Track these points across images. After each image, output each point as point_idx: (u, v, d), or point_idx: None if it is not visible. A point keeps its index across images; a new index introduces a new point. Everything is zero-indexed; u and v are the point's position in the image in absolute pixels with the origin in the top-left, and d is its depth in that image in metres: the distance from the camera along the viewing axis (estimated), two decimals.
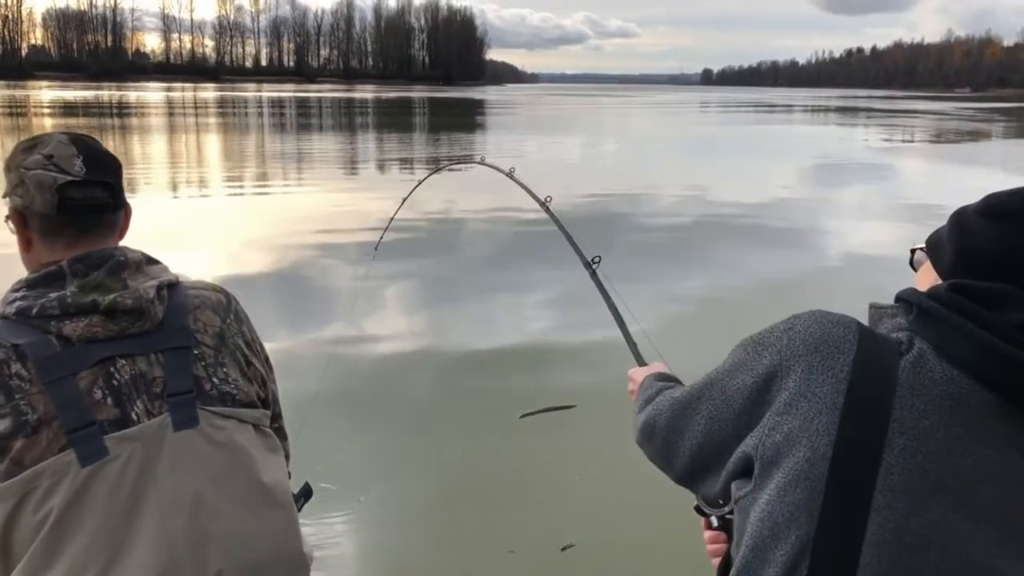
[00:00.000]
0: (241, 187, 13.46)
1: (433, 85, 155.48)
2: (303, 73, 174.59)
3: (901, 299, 0.97)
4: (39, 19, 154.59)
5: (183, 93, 70.80)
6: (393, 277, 7.22)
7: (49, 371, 1.17)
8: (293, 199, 12.06)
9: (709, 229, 10.23)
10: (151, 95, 61.26)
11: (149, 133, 24.54)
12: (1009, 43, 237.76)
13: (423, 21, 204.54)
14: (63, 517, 1.13)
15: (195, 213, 10.69)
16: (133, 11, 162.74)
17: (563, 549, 3.11)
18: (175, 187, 12.92)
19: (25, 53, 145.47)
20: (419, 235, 9.18)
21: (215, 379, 1.30)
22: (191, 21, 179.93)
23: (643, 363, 1.69)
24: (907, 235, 9.11)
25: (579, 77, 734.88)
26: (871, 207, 12.43)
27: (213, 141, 23.47)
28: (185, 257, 7.33)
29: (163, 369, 1.25)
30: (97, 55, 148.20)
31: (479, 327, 5.91)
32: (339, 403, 4.41)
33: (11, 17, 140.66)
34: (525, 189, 2.76)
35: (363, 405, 4.48)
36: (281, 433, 1.50)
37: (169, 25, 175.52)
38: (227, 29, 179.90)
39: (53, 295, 1.22)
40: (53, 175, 1.25)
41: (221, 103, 50.56)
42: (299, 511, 1.44)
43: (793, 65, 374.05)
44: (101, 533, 1.14)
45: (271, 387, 1.47)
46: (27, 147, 1.30)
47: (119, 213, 1.37)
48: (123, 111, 37.43)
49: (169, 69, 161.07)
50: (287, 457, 1.49)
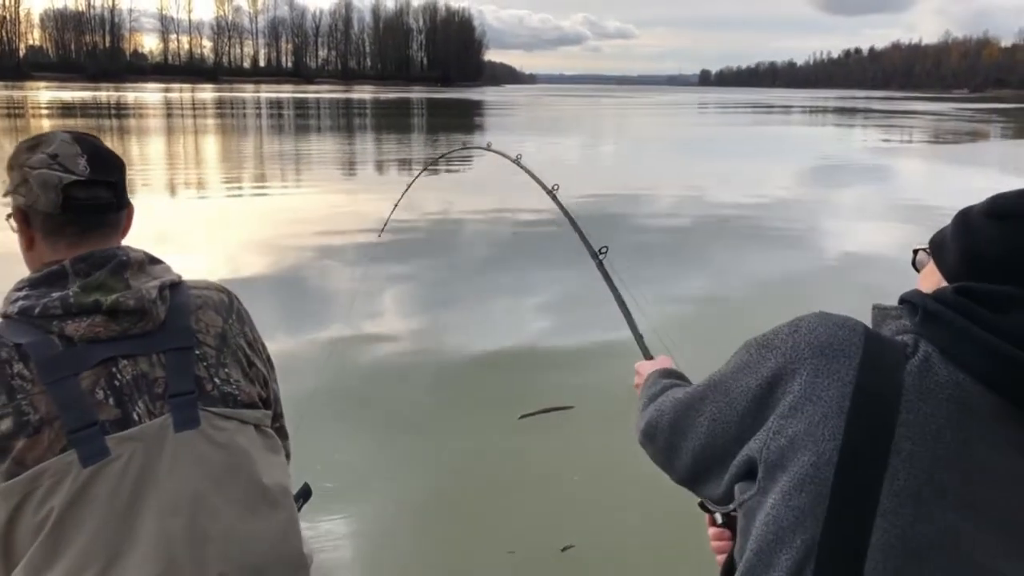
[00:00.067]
0: (240, 188, 13.45)
1: (431, 86, 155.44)
2: (301, 74, 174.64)
3: (905, 301, 0.96)
4: (37, 20, 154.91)
5: (181, 94, 70.73)
6: (393, 277, 7.22)
7: (51, 371, 1.17)
8: (292, 200, 12.04)
9: (713, 227, 10.27)
10: (149, 96, 61.19)
11: (147, 134, 24.50)
12: (1007, 44, 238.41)
13: (421, 22, 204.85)
14: (64, 517, 1.13)
15: (194, 214, 10.66)
16: (131, 12, 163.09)
17: (563, 550, 3.11)
18: (173, 188, 12.90)
19: (23, 54, 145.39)
20: (418, 235, 9.17)
21: (217, 380, 1.30)
22: (189, 22, 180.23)
23: (649, 357, 1.67)
24: (907, 234, 9.13)
25: (577, 78, 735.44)
26: (875, 207, 12.42)
27: (211, 142, 23.44)
28: (184, 258, 7.31)
29: (165, 370, 1.25)
30: (95, 56, 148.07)
31: (478, 328, 5.90)
32: (339, 403, 4.41)
33: (9, 18, 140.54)
34: (532, 176, 2.66)
35: (363, 405, 4.48)
36: (282, 432, 1.51)
37: (167, 26, 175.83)
38: (225, 30, 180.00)
39: (55, 295, 1.21)
40: (58, 174, 1.25)
41: (219, 104, 50.51)
42: (298, 511, 1.44)
43: (791, 66, 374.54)
44: (101, 533, 1.14)
45: (273, 387, 1.46)
46: (30, 146, 1.29)
47: (122, 212, 1.37)
48: (121, 112, 37.38)
49: (167, 70, 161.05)
50: (288, 456, 1.49)
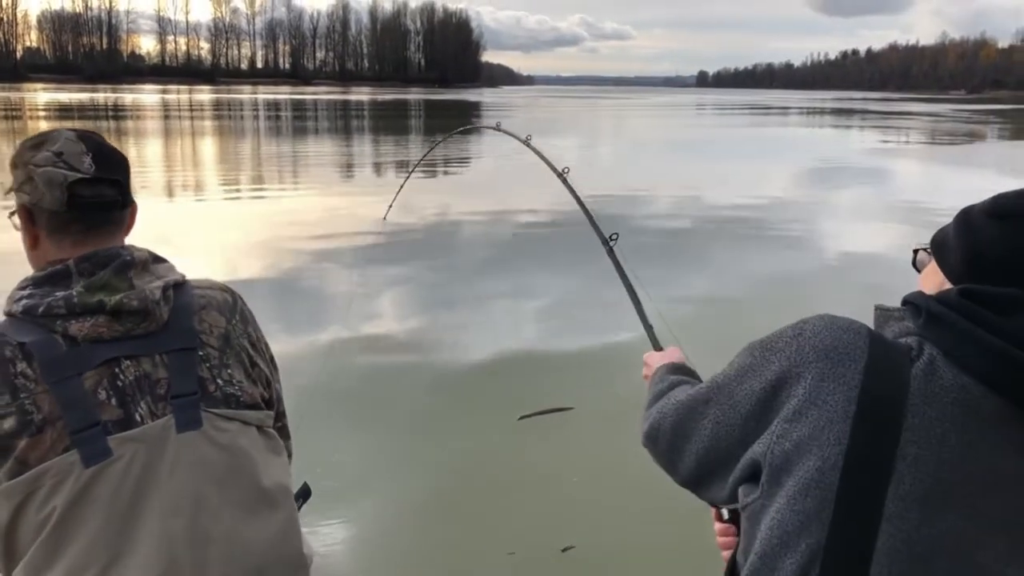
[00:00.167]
0: (238, 190, 13.44)
1: (429, 87, 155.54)
2: (299, 75, 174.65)
3: (908, 302, 0.96)
4: (34, 21, 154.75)
5: (178, 95, 70.71)
6: (392, 278, 7.22)
7: (54, 371, 1.17)
8: (291, 201, 12.03)
9: (715, 225, 10.35)
10: (146, 97, 61.12)
11: (144, 136, 24.45)
12: (1004, 45, 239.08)
13: (419, 23, 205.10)
14: (65, 517, 1.13)
15: (192, 216, 10.65)
16: (128, 13, 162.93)
17: (563, 551, 3.11)
18: (170, 191, 12.88)
19: (20, 55, 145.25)
20: (418, 236, 9.18)
21: (219, 380, 1.30)
22: (186, 23, 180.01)
23: (659, 347, 1.65)
24: (909, 233, 9.16)
25: (575, 79, 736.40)
26: (874, 207, 12.46)
27: (209, 144, 23.43)
28: (182, 260, 7.26)
29: (167, 370, 1.25)
30: (92, 57, 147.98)
31: (478, 329, 5.90)
32: (339, 403, 4.41)
33: (6, 19, 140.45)
34: (542, 158, 2.62)
35: (363, 406, 4.48)
36: (284, 432, 1.51)
37: (164, 27, 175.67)
38: (222, 31, 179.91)
39: (60, 294, 1.21)
40: (63, 172, 1.25)
41: (217, 105, 50.47)
42: (298, 511, 1.44)
43: (788, 67, 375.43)
44: (103, 533, 1.14)
45: (275, 387, 1.47)
46: (35, 144, 1.29)
47: (126, 210, 1.37)
48: (118, 113, 37.34)
49: (164, 71, 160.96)
50: (290, 455, 1.49)
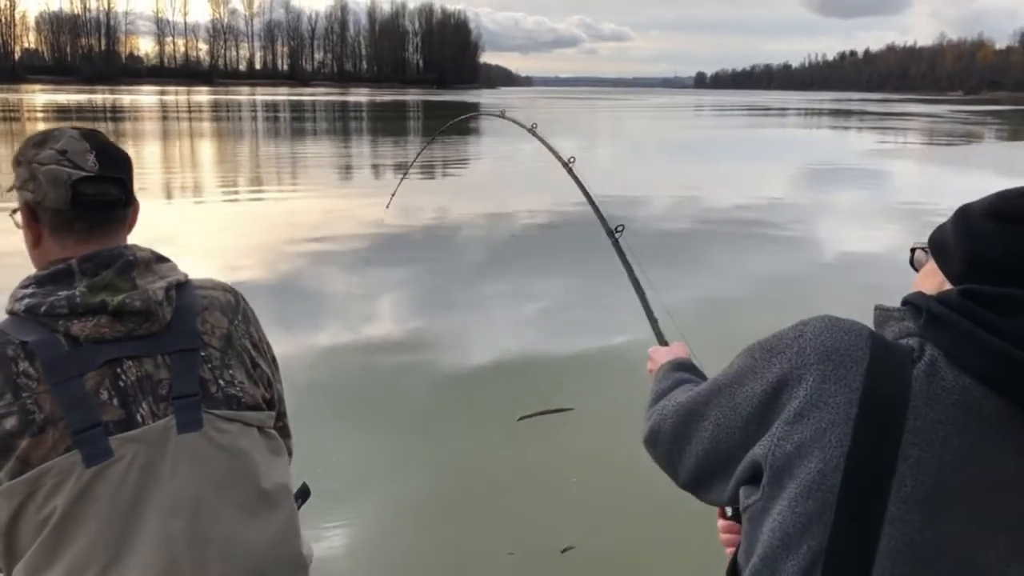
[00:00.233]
0: (236, 191, 13.43)
1: (427, 88, 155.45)
2: (297, 76, 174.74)
3: (909, 303, 0.95)
4: (32, 23, 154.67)
5: (177, 97, 70.66)
6: (392, 278, 7.23)
7: (56, 371, 1.17)
8: (290, 202, 12.03)
9: (716, 225, 10.38)
10: (145, 99, 61.05)
11: (143, 137, 24.43)
12: (1001, 46, 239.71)
13: (417, 24, 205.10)
14: (66, 516, 1.13)
15: (191, 217, 10.64)
16: (127, 15, 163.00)
17: (563, 551, 3.11)
18: (169, 192, 12.87)
19: (18, 57, 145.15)
20: (418, 236, 9.18)
21: (221, 381, 1.30)
22: (185, 25, 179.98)
23: (664, 342, 1.64)
24: (909, 233, 9.17)
25: (573, 80, 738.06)
26: (877, 206, 12.48)
27: (207, 145, 23.42)
28: (181, 262, 7.28)
29: (169, 371, 1.25)
30: (91, 59, 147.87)
31: (478, 329, 5.90)
32: (339, 404, 4.42)
33: (4, 20, 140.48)
34: (547, 146, 2.57)
35: (362, 406, 4.48)
36: (285, 431, 1.51)
37: (163, 29, 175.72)
38: (221, 32, 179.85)
39: (62, 294, 1.21)
40: (67, 170, 1.25)
41: (215, 107, 50.45)
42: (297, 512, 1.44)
43: (786, 68, 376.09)
44: (103, 533, 1.14)
45: (277, 387, 1.47)
46: (38, 142, 1.29)
47: (129, 208, 1.37)
48: (117, 115, 37.29)
49: (163, 73, 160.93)
50: (290, 454, 1.49)
